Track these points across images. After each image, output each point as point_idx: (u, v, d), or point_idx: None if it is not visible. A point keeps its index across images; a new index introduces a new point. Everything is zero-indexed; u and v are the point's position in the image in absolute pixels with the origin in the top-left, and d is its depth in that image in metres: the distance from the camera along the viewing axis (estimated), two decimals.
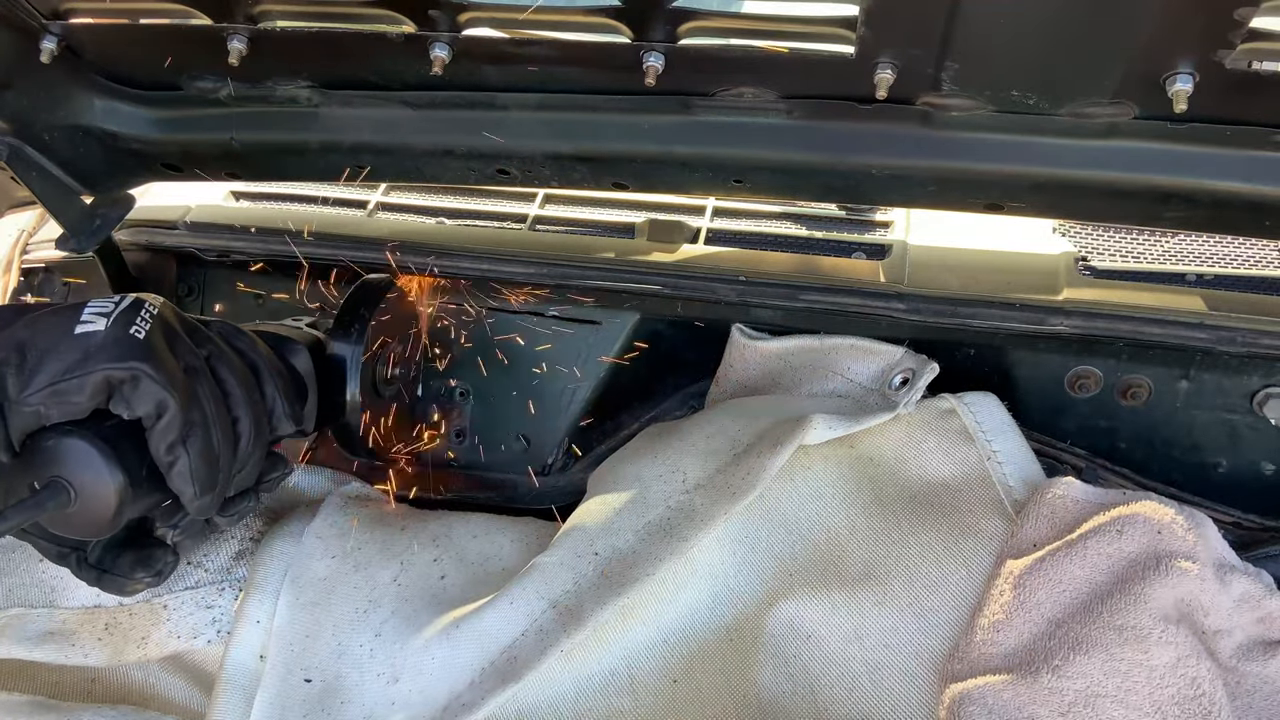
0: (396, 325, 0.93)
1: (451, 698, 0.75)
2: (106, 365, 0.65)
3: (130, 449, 0.68)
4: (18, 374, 0.65)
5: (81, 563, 0.74)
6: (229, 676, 0.78)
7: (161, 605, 0.82)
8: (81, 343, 0.66)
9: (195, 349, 0.72)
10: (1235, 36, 0.63)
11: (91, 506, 0.67)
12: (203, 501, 0.70)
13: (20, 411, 0.65)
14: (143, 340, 0.67)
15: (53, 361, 0.65)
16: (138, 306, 0.70)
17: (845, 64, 0.72)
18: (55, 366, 0.65)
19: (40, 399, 0.65)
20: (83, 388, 0.65)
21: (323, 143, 0.91)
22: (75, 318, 0.68)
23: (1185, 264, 0.96)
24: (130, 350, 0.66)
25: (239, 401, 0.73)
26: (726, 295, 0.95)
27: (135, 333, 0.68)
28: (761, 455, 0.83)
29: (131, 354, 0.66)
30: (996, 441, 0.86)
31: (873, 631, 0.77)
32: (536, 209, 1.10)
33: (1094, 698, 0.68)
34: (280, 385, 0.78)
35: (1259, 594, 0.76)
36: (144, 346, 0.67)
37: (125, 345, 0.67)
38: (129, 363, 0.66)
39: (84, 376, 0.65)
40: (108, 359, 0.66)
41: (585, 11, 0.72)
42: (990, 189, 0.83)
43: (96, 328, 0.67)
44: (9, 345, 0.66)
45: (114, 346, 0.66)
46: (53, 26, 0.81)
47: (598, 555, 0.81)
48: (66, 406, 0.66)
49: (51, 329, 0.67)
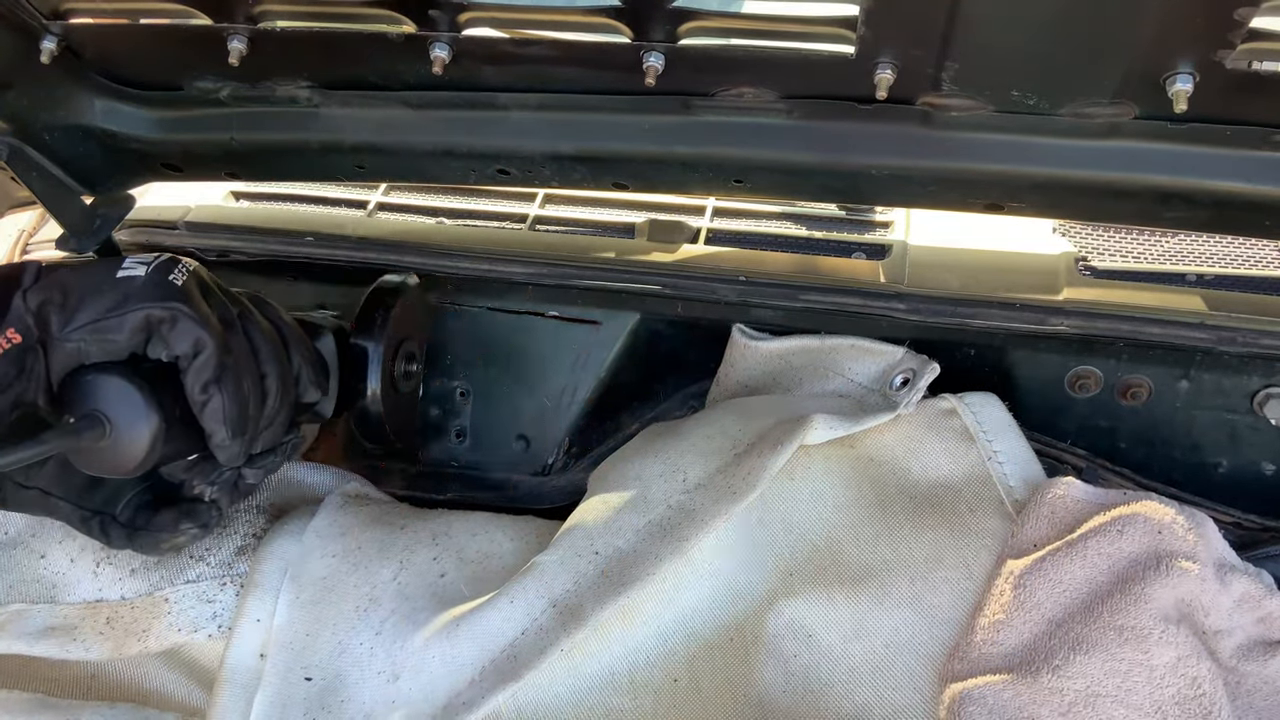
0: (417, 321, 0.96)
1: (452, 696, 0.75)
2: (147, 304, 0.69)
3: (166, 391, 0.71)
4: (60, 311, 0.69)
5: (109, 524, 0.77)
6: (229, 675, 0.78)
7: (163, 598, 0.82)
8: (123, 285, 0.70)
9: (228, 306, 0.75)
10: (1235, 36, 0.63)
11: (125, 443, 0.69)
12: (233, 447, 0.73)
13: (62, 348, 0.69)
14: (181, 286, 0.71)
15: (95, 301, 0.69)
16: (174, 261, 0.74)
17: (845, 64, 0.72)
18: (98, 305, 0.69)
19: (81, 335, 0.69)
20: (123, 326, 0.69)
21: (323, 143, 0.91)
22: (117, 264, 0.72)
23: (1185, 264, 0.96)
24: (169, 292, 0.70)
25: (268, 358, 0.76)
26: (726, 295, 0.95)
27: (174, 279, 0.72)
28: (762, 455, 0.83)
29: (170, 295, 0.70)
30: (997, 441, 0.86)
31: (873, 631, 0.77)
32: (536, 209, 1.10)
33: (1094, 697, 0.68)
34: (305, 354, 0.81)
35: (1259, 594, 0.76)
36: (182, 291, 0.71)
37: (165, 288, 0.71)
38: (169, 302, 0.70)
39: (124, 314, 0.69)
40: (148, 299, 0.69)
41: (585, 11, 0.72)
42: (990, 189, 0.83)
43: (137, 273, 0.71)
44: (53, 285, 0.70)
45: (154, 289, 0.70)
46: (53, 26, 0.81)
47: (598, 554, 0.81)
48: (106, 345, 0.69)
49: (94, 272, 0.71)
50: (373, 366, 0.89)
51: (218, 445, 0.73)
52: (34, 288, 0.70)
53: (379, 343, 0.90)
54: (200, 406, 0.72)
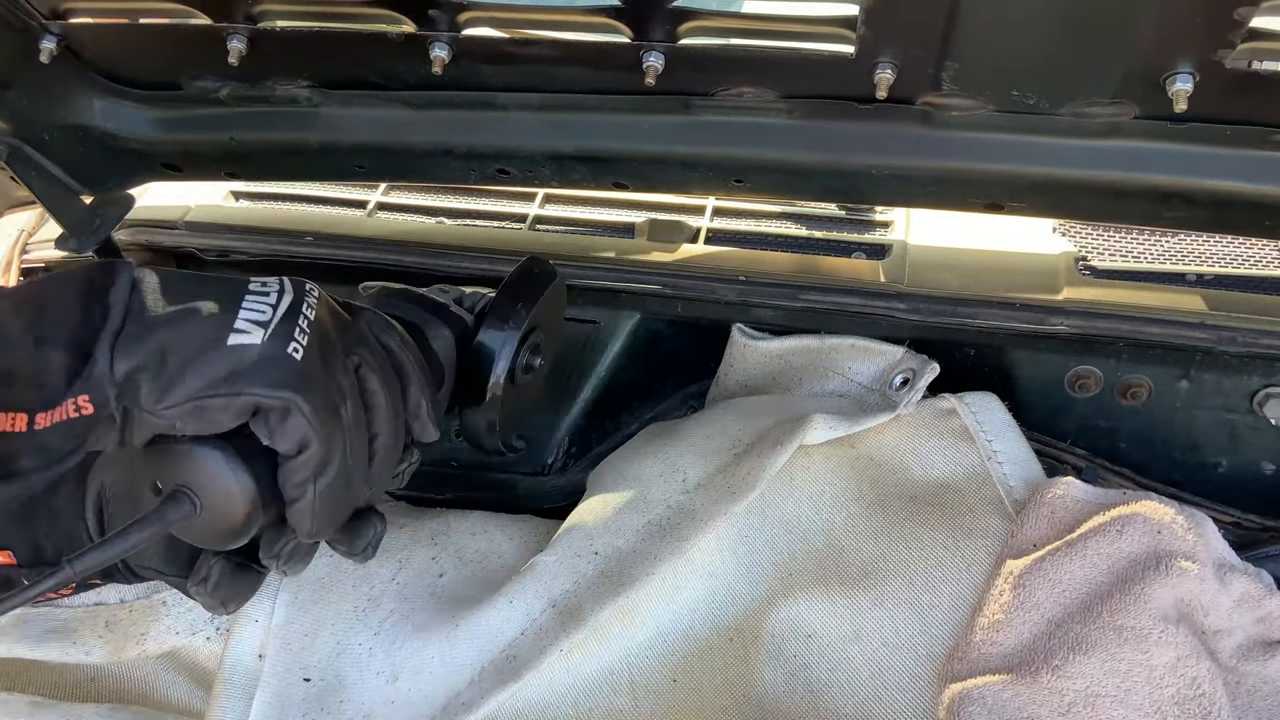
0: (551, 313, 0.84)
1: (451, 696, 0.75)
2: (258, 391, 0.58)
3: (263, 466, 0.62)
4: (154, 381, 0.58)
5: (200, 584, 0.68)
6: (228, 676, 0.78)
7: (161, 601, 0.82)
8: (233, 357, 0.58)
9: (347, 360, 0.64)
10: (1235, 36, 0.63)
11: (219, 518, 0.61)
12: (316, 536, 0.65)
13: (149, 421, 0.58)
14: (299, 363, 0.60)
15: (197, 374, 0.58)
16: (296, 312, 0.61)
17: (845, 64, 0.72)
18: (198, 381, 0.58)
19: (176, 414, 0.58)
20: (227, 408, 0.58)
21: (322, 143, 0.91)
22: (229, 324, 0.59)
23: (1185, 264, 0.96)
24: (285, 377, 0.59)
25: (382, 418, 0.66)
26: (726, 295, 0.95)
27: (292, 351, 0.60)
28: (762, 455, 0.83)
29: (285, 382, 0.59)
30: (997, 441, 0.86)
31: (873, 631, 0.77)
32: (536, 209, 1.10)
33: (1094, 698, 0.68)
34: (426, 388, 0.71)
35: (1259, 594, 0.76)
36: (299, 373, 0.59)
37: (282, 368, 0.59)
38: (283, 392, 0.58)
39: (231, 398, 0.58)
40: (261, 383, 0.58)
41: (585, 11, 0.72)
42: (990, 189, 0.83)
43: (251, 340, 0.59)
44: (150, 349, 0.58)
45: (269, 369, 0.59)
46: (53, 26, 0.80)
47: (597, 554, 0.81)
48: (204, 424, 0.59)
49: (200, 334, 0.59)
50: (498, 369, 0.78)
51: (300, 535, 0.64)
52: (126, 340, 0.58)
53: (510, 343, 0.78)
54: (290, 501, 0.62)
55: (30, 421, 0.59)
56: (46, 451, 0.60)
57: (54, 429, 0.59)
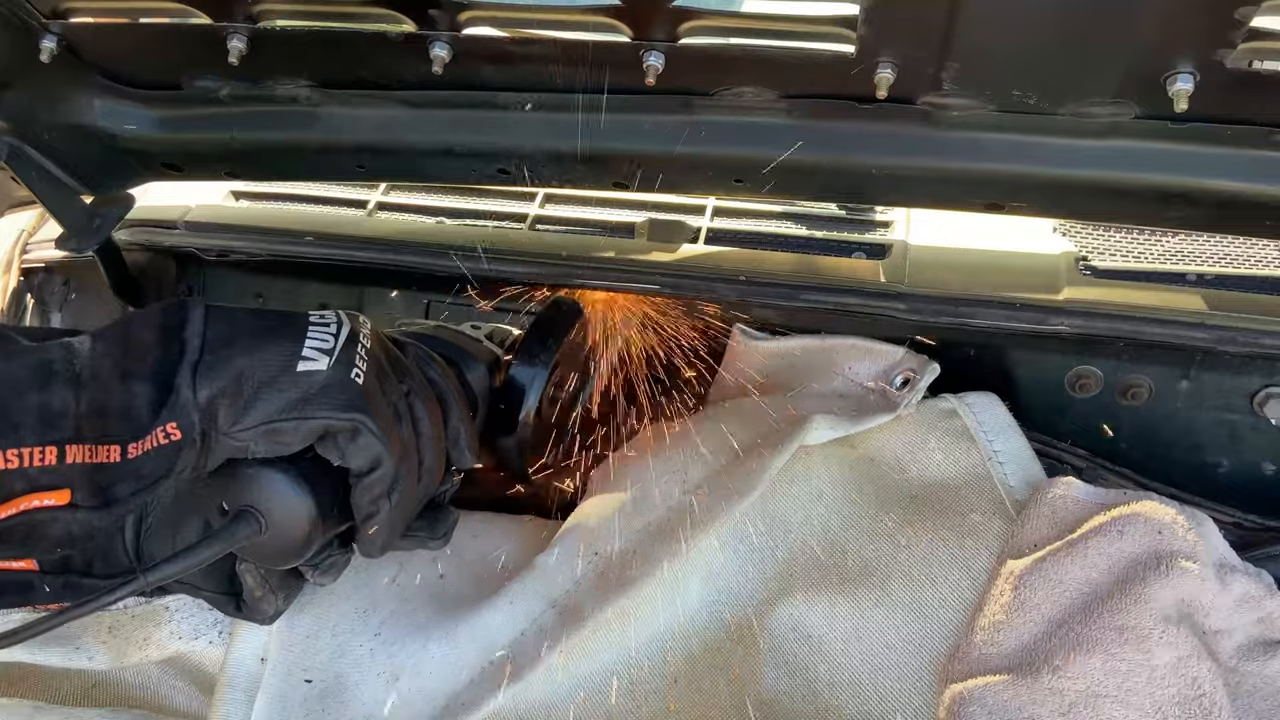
0: (573, 349, 0.91)
1: (451, 697, 0.75)
2: (328, 414, 0.63)
3: (326, 489, 0.66)
4: (231, 407, 0.63)
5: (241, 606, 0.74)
6: (230, 679, 0.78)
7: (164, 607, 0.82)
8: (303, 382, 0.63)
9: (399, 386, 0.69)
10: (1236, 36, 0.63)
11: (281, 539, 0.66)
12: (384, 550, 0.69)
13: (226, 444, 0.63)
14: (362, 387, 0.65)
15: (270, 398, 0.63)
16: (354, 341, 0.67)
17: (845, 63, 0.72)
18: (272, 405, 0.63)
19: (251, 436, 0.63)
20: (299, 430, 0.63)
21: (322, 142, 0.90)
22: (297, 350, 0.65)
23: (1185, 264, 0.96)
24: (351, 400, 0.64)
25: (428, 443, 0.70)
26: (726, 295, 0.95)
27: (356, 377, 0.65)
28: (762, 455, 0.83)
29: (352, 404, 0.64)
30: (998, 441, 0.86)
31: (873, 631, 0.77)
32: (536, 209, 1.10)
33: (1095, 698, 0.68)
34: (464, 417, 0.75)
35: (1259, 594, 0.76)
36: (364, 395, 0.64)
37: (347, 392, 0.64)
38: (351, 414, 0.63)
39: (302, 421, 0.63)
40: (330, 406, 0.63)
41: (585, 11, 0.72)
42: (991, 188, 0.83)
43: (318, 366, 0.64)
44: (229, 374, 0.63)
45: (336, 392, 0.64)
46: (53, 26, 0.80)
47: (598, 555, 0.81)
48: (276, 446, 0.63)
49: (272, 360, 0.64)
50: (529, 403, 0.83)
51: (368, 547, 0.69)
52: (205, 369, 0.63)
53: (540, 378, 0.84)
54: (365, 517, 0.67)
55: (123, 452, 0.63)
56: (140, 478, 0.63)
57: (145, 456, 0.63)
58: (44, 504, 0.62)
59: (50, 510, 0.63)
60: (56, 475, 0.62)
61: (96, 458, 0.63)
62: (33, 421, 0.62)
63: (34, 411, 0.62)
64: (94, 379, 0.64)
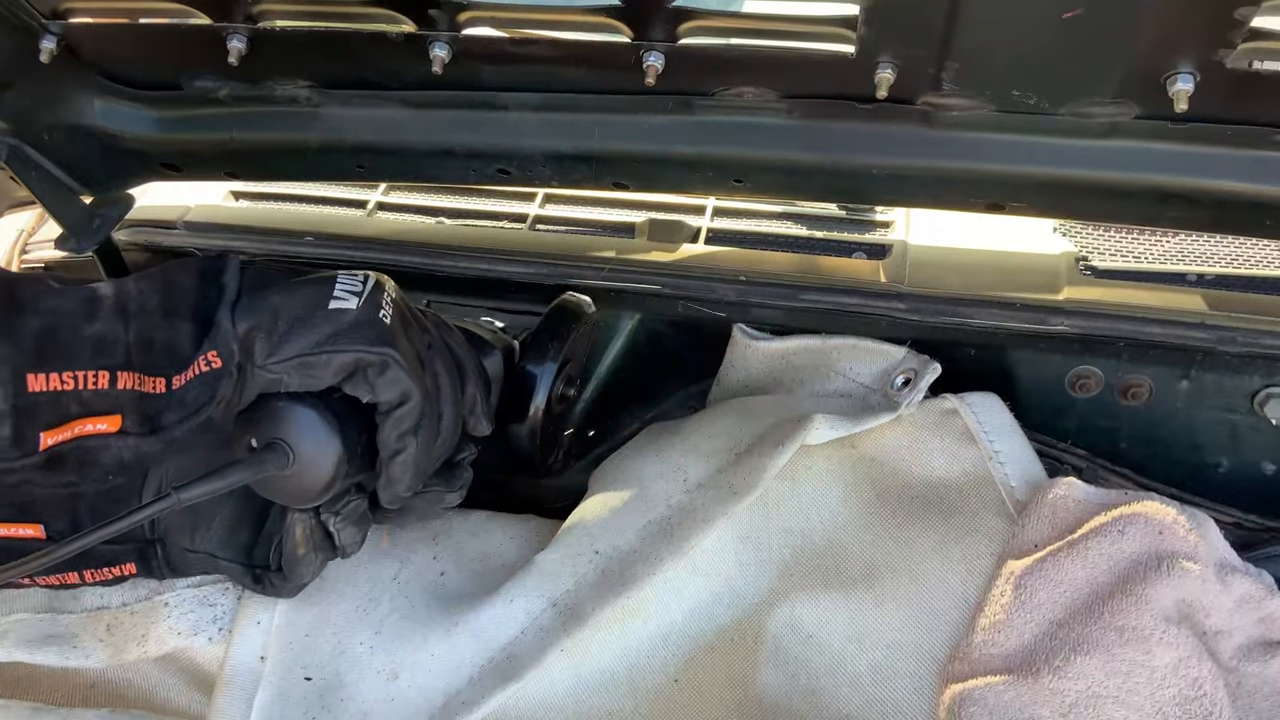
0: (584, 344, 0.94)
1: (450, 695, 0.75)
2: (360, 347, 0.66)
3: (353, 426, 0.69)
4: (267, 339, 0.66)
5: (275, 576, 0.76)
6: (230, 677, 0.78)
7: (163, 603, 0.82)
8: (334, 319, 0.67)
9: (421, 337, 0.72)
10: (1236, 36, 0.62)
11: (307, 474, 0.68)
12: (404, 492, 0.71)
13: (261, 376, 0.66)
14: (389, 325, 0.68)
15: (305, 333, 0.66)
16: (380, 289, 0.70)
17: (845, 64, 0.72)
18: (306, 339, 0.66)
19: (285, 369, 0.66)
20: (330, 364, 0.66)
21: (322, 143, 0.90)
22: (329, 292, 0.68)
23: (1186, 264, 0.96)
24: (381, 335, 0.67)
25: (446, 398, 0.73)
26: (727, 295, 0.95)
27: (383, 316, 0.68)
28: (763, 455, 0.83)
29: (382, 339, 0.67)
30: (999, 442, 0.86)
31: (874, 632, 0.77)
32: (536, 209, 1.10)
33: (1095, 698, 0.68)
34: (480, 386, 0.77)
35: (1260, 594, 0.76)
36: (392, 332, 0.68)
37: (376, 329, 0.67)
38: (381, 348, 0.67)
39: (334, 354, 0.66)
40: (362, 340, 0.66)
41: (585, 11, 0.72)
42: (991, 189, 0.83)
43: (348, 305, 0.68)
44: (264, 309, 0.67)
45: (367, 328, 0.67)
46: (52, 26, 0.80)
47: (598, 554, 0.81)
48: (308, 379, 0.66)
49: (305, 299, 0.68)
50: (539, 392, 0.86)
51: (394, 489, 0.71)
52: (243, 306, 0.68)
53: (549, 370, 0.86)
54: (392, 454, 0.69)
55: (168, 384, 0.68)
56: (184, 406, 0.68)
57: (189, 385, 0.68)
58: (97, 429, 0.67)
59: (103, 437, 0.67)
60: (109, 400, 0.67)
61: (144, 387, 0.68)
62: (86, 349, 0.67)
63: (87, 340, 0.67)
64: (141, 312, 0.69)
